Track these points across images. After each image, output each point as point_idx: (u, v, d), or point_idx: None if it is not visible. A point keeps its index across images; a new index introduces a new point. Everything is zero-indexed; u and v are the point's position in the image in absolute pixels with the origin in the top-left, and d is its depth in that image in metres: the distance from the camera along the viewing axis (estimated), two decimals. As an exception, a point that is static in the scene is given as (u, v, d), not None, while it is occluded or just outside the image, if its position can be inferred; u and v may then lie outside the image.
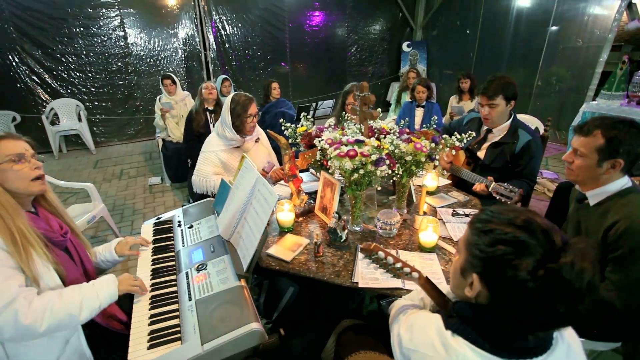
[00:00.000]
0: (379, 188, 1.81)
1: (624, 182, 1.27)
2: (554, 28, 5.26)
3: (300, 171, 1.82)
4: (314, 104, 3.70)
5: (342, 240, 1.32)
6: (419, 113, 3.40)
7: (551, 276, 0.60)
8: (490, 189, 1.72)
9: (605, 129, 1.22)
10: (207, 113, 3.23)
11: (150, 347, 0.96)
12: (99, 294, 1.07)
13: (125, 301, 1.21)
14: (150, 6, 5.27)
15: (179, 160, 3.63)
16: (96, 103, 5.34)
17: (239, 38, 5.86)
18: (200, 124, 3.14)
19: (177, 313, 1.08)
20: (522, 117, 3.80)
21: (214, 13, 5.55)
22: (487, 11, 6.20)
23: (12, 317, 0.91)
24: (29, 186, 1.10)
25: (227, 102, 1.99)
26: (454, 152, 1.53)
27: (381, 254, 0.85)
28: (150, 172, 4.32)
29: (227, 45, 5.80)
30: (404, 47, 7.23)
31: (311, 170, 2.12)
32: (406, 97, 3.89)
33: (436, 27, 7.17)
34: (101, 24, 5.05)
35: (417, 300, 0.95)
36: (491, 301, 0.68)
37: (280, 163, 2.04)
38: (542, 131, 2.69)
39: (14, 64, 4.74)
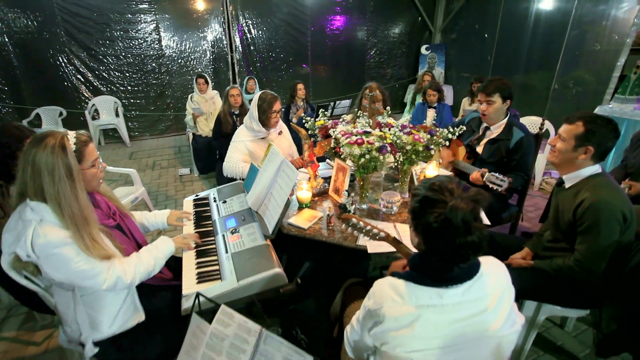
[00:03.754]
0: (384, 174, 2.06)
1: (595, 169, 1.47)
2: (572, 32, 5.31)
3: (318, 160, 2.09)
4: (332, 104, 3.98)
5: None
6: (430, 113, 3.61)
7: (442, 217, 0.83)
8: (484, 179, 1.94)
9: (586, 121, 1.44)
10: (234, 116, 3.58)
11: (198, 282, 1.26)
12: (163, 252, 1.37)
13: (169, 259, 1.52)
14: (183, 11, 5.70)
15: (208, 153, 3.99)
16: (132, 100, 5.81)
17: (263, 41, 6.21)
18: (228, 127, 3.48)
19: (216, 260, 1.38)
20: (530, 119, 3.94)
21: (240, 17, 5.93)
22: (505, 15, 6.28)
23: (118, 279, 1.19)
24: (97, 185, 1.33)
25: (255, 99, 2.29)
26: (447, 143, 1.76)
27: (354, 220, 1.13)
28: (180, 164, 4.71)
29: (252, 47, 6.16)
30: (423, 50, 7.38)
31: (327, 160, 2.39)
32: (420, 99, 4.10)
33: (455, 31, 7.28)
34: (139, 28, 5.51)
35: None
36: (424, 247, 0.93)
37: (301, 153, 2.32)
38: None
39: (63, 64, 5.26)
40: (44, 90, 5.29)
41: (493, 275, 0.96)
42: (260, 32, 6.14)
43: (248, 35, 6.07)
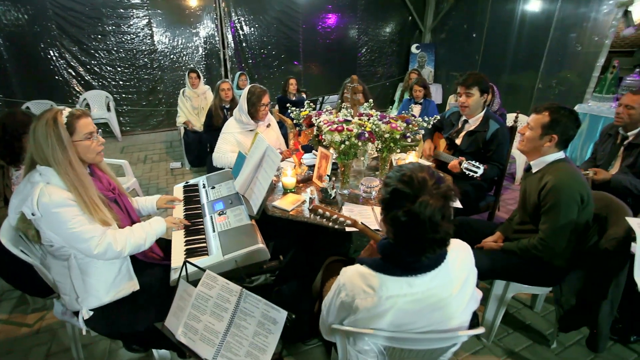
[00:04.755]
0: (367, 164, 2.16)
1: (558, 155, 1.60)
2: (555, 33, 5.49)
3: (304, 149, 2.19)
4: (320, 98, 4.08)
5: (331, 198, 1.68)
6: (416, 109, 3.73)
7: (411, 212, 0.85)
8: (461, 166, 2.05)
9: (552, 111, 1.56)
10: (225, 110, 3.65)
11: (186, 257, 1.35)
12: (155, 229, 1.46)
13: (161, 241, 1.61)
14: (175, 7, 5.73)
15: (199, 147, 4.06)
16: (123, 95, 5.83)
17: (255, 38, 6.28)
18: (219, 121, 3.55)
19: (204, 238, 1.47)
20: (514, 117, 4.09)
21: (233, 14, 5.98)
22: (492, 16, 6.45)
23: (109, 246, 1.28)
24: (96, 157, 1.39)
25: (244, 92, 2.38)
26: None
27: (320, 211, 1.22)
28: (171, 158, 4.76)
29: (244, 44, 6.22)
30: (413, 49, 7.52)
31: (314, 151, 2.48)
32: (407, 95, 4.21)
33: (444, 31, 7.43)
34: (131, 23, 5.53)
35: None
36: (394, 237, 0.94)
37: (288, 145, 2.41)
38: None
39: (53, 58, 5.26)
40: (35, 84, 5.29)
41: (459, 260, 1.01)
42: (252, 29, 6.21)
43: (240, 32, 6.13)
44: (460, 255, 1.02)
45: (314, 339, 1.86)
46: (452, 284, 0.97)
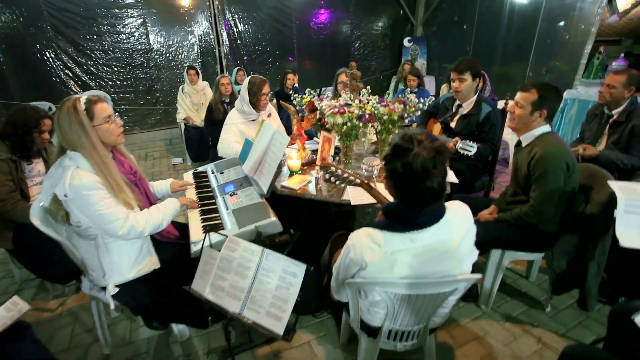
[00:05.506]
0: (367, 148, 2.27)
1: (546, 128, 1.72)
2: (543, 23, 5.62)
3: (306, 134, 2.29)
4: (317, 90, 4.19)
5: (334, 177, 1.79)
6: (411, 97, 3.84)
7: (406, 163, 0.96)
8: (456, 146, 2.17)
9: (539, 88, 1.68)
10: (225, 105, 3.74)
11: (204, 232, 1.44)
12: (170, 209, 1.56)
13: (175, 223, 1.71)
14: (169, 6, 5.78)
15: (199, 142, 4.14)
16: (121, 95, 5.87)
17: (249, 35, 6.35)
18: (219, 115, 3.64)
19: (218, 216, 1.57)
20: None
21: (227, 12, 6.04)
22: (482, 7, 6.57)
23: (132, 227, 1.38)
24: (117, 139, 1.49)
25: (245, 82, 2.47)
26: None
27: (333, 168, 1.32)
28: (172, 155, 4.84)
29: (239, 41, 6.29)
30: (405, 42, 7.63)
31: (315, 138, 2.58)
32: (402, 86, 4.32)
33: (435, 23, 7.55)
34: (126, 22, 5.57)
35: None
36: (396, 195, 1.06)
37: (288, 134, 2.51)
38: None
39: (50, 59, 5.29)
40: (33, 85, 5.32)
41: (458, 218, 1.12)
42: (246, 26, 6.27)
43: (234, 30, 6.20)
44: (459, 214, 1.13)
45: (323, 312, 1.97)
46: (452, 239, 1.08)
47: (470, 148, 2.08)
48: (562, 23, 5.36)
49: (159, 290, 1.52)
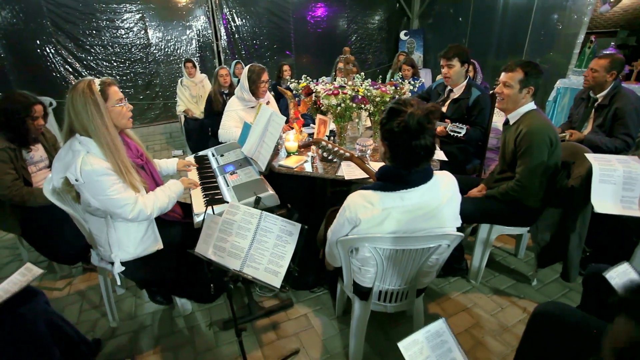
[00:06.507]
0: (362, 132, 2.35)
1: (531, 106, 1.80)
2: (537, 14, 5.69)
3: (303, 117, 2.37)
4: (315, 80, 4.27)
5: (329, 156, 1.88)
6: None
7: (402, 124, 1.05)
8: (447, 129, 2.26)
9: (523, 66, 1.76)
10: (224, 95, 3.82)
11: (206, 205, 1.53)
12: (175, 191, 1.64)
13: (179, 203, 1.80)
14: (167, 1, 5.83)
15: (199, 134, 4.22)
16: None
17: (247, 29, 6.41)
18: (218, 106, 3.71)
19: (219, 192, 1.65)
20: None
21: (224, 6, 6.10)
22: (477, 0, 6.64)
23: (140, 211, 1.45)
24: (127, 122, 1.55)
25: (244, 71, 2.55)
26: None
27: (323, 143, 1.41)
28: (173, 147, 4.92)
29: (236, 35, 6.36)
30: (402, 35, 7.69)
31: (311, 124, 2.67)
32: (397, 76, 4.41)
33: (431, 16, 7.61)
34: (124, 18, 5.63)
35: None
36: (390, 156, 1.16)
37: (288, 115, 2.60)
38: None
39: (50, 54, 5.35)
40: (33, 81, 5.37)
41: (444, 183, 1.22)
42: (244, 21, 6.34)
43: (232, 24, 6.26)
44: (445, 179, 1.24)
45: (320, 288, 2.07)
46: (438, 200, 1.18)
47: (459, 130, 2.17)
48: (555, 14, 5.44)
49: (164, 266, 1.60)
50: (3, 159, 1.89)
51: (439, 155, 2.01)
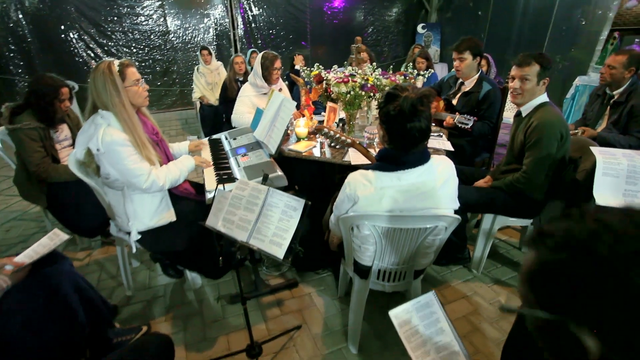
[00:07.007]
0: (371, 121, 2.40)
1: (544, 98, 1.81)
2: (559, 9, 5.54)
3: (314, 104, 2.43)
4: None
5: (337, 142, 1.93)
6: (419, 80, 3.92)
7: (397, 107, 1.12)
8: (455, 120, 2.28)
9: (537, 59, 1.76)
10: (239, 83, 3.90)
11: (217, 183, 1.62)
12: (186, 165, 1.74)
13: (192, 182, 1.89)
14: (186, -11, 5.94)
15: (214, 120, 4.33)
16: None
17: (264, 19, 6.46)
18: (233, 93, 3.79)
19: (231, 172, 1.74)
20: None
21: (242, -5, 6.16)
22: (498, -7, 6.50)
23: (154, 182, 1.56)
24: (143, 102, 1.67)
25: (258, 57, 2.61)
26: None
27: (326, 129, 1.46)
28: (188, 133, 5.05)
29: (253, 25, 6.41)
30: (419, 28, 7.59)
31: (322, 113, 2.72)
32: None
33: (450, 10, 7.48)
34: (144, 5, 5.76)
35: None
36: (388, 138, 1.22)
37: (300, 102, 2.66)
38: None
39: (74, 40, 5.53)
40: (57, 64, 5.56)
41: (441, 166, 1.28)
42: (261, 10, 6.38)
43: (249, 13, 6.32)
44: (442, 162, 1.29)
45: (324, 270, 2.14)
46: (435, 181, 1.24)
47: (467, 121, 2.19)
48: (579, 9, 5.28)
49: (175, 238, 1.70)
50: (34, 138, 2.02)
51: (446, 145, 2.04)
